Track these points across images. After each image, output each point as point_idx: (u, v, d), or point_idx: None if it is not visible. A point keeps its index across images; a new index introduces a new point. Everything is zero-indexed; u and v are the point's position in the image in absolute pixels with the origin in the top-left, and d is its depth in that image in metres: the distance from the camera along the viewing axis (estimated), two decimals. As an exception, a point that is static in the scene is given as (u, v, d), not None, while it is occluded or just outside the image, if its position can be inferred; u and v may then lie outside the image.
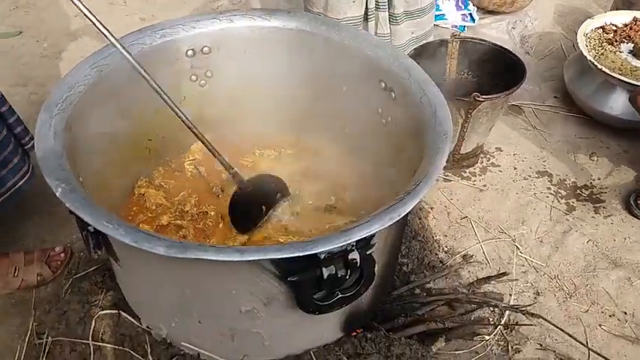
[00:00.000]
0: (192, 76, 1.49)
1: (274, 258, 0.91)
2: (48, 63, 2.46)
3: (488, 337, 1.45)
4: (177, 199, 1.50)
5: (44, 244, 1.69)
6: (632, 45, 2.12)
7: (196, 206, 1.49)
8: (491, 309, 1.52)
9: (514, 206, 1.85)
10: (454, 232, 1.76)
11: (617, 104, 2.02)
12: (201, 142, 1.23)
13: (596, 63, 1.98)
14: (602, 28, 2.22)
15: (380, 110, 1.40)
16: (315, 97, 1.53)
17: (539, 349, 1.45)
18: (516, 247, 1.71)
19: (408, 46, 1.99)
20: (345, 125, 1.52)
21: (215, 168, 1.60)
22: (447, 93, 1.25)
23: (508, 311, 1.51)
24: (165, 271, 1.08)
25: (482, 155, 2.03)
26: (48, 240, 1.70)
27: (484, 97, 1.68)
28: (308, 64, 1.48)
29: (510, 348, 1.44)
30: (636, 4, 2.42)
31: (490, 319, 1.51)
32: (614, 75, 1.94)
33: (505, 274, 1.61)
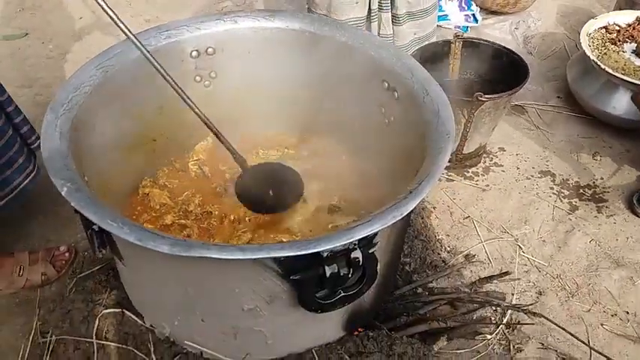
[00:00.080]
0: (197, 77, 1.49)
1: (277, 256, 0.92)
2: (53, 64, 2.48)
3: (490, 336, 1.46)
4: (181, 198, 1.51)
5: (49, 243, 1.70)
6: (635, 45, 2.12)
7: (200, 206, 1.49)
8: (494, 308, 1.52)
9: (517, 206, 1.85)
10: (457, 232, 1.77)
11: (620, 104, 2.02)
12: (210, 129, 1.25)
13: (599, 63, 1.98)
14: (605, 28, 2.21)
15: (383, 110, 1.40)
16: (318, 98, 1.54)
17: (540, 348, 1.45)
18: (519, 246, 1.72)
19: (410, 47, 1.99)
20: (348, 125, 1.53)
21: (219, 168, 1.61)
22: (449, 93, 1.26)
23: (510, 310, 1.51)
24: (169, 270, 1.09)
25: (484, 155, 2.03)
26: (52, 239, 1.72)
27: (487, 96, 1.68)
28: (311, 64, 1.49)
29: (512, 347, 1.44)
30: (639, 4, 2.42)
31: (492, 318, 1.51)
32: (617, 75, 1.94)
33: (507, 273, 1.61)
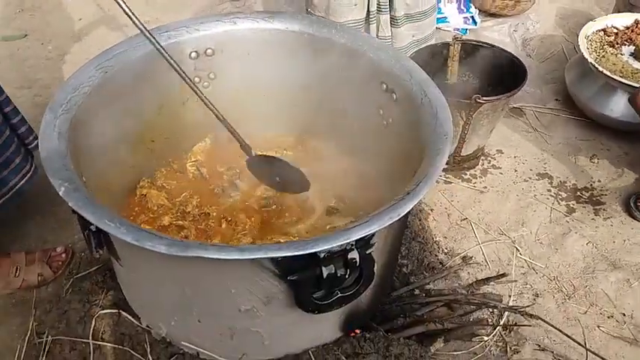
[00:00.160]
0: (196, 78, 1.49)
1: (274, 256, 0.92)
2: (53, 65, 2.48)
3: (486, 337, 1.46)
4: (179, 199, 1.51)
5: (46, 244, 1.70)
6: (634, 47, 2.12)
7: (198, 207, 1.49)
8: (490, 310, 1.53)
9: (514, 208, 1.86)
10: (454, 234, 1.77)
11: (618, 107, 2.03)
12: (218, 118, 1.27)
13: (597, 65, 1.98)
14: (604, 30, 2.22)
15: (381, 112, 1.41)
16: (317, 99, 1.54)
17: (537, 349, 1.46)
18: (516, 248, 1.72)
19: (409, 49, 2.00)
20: (347, 127, 1.53)
21: (217, 169, 1.61)
22: (448, 95, 1.26)
23: (507, 312, 1.51)
24: (166, 270, 1.09)
25: (482, 157, 2.03)
26: (49, 240, 1.72)
27: (485, 99, 1.69)
28: (310, 66, 1.49)
29: (509, 349, 1.45)
30: (637, 6, 2.42)
31: (489, 320, 1.51)
32: (615, 77, 1.94)
33: (504, 275, 1.62)
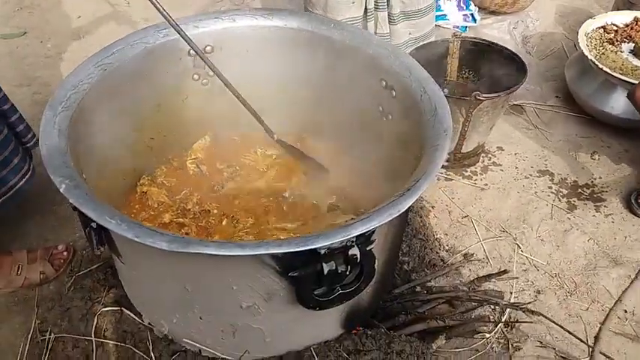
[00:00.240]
0: (195, 75, 1.49)
1: (275, 253, 0.92)
2: (52, 63, 2.48)
3: (488, 334, 1.46)
4: (179, 197, 1.51)
5: (47, 242, 1.70)
6: (633, 45, 2.13)
7: (198, 204, 1.49)
8: (492, 307, 1.52)
9: (515, 205, 1.86)
10: (455, 231, 1.77)
11: (618, 104, 2.03)
12: (243, 104, 1.30)
13: (597, 63, 1.98)
14: (604, 28, 2.22)
15: (381, 108, 1.40)
16: (317, 96, 1.54)
17: (539, 346, 1.46)
18: (517, 245, 1.72)
19: (406, 47, 1.99)
20: (346, 123, 1.53)
21: (217, 166, 1.61)
22: (448, 92, 1.26)
23: (509, 309, 1.51)
24: (167, 267, 1.09)
25: (483, 154, 2.03)
26: (51, 239, 1.72)
27: (485, 96, 1.69)
28: (309, 63, 1.49)
29: (511, 346, 1.44)
30: (637, 4, 2.43)
31: (490, 317, 1.51)
32: (614, 74, 1.94)
33: (506, 272, 1.61)
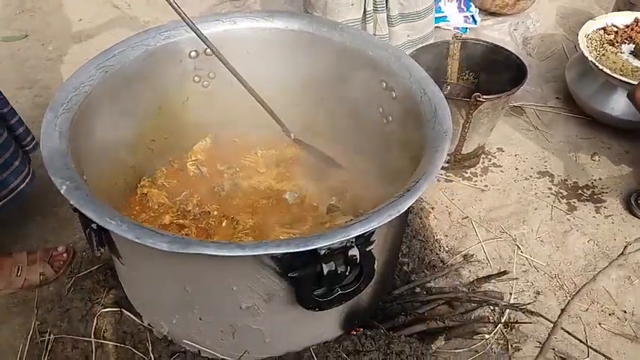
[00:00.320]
0: (195, 77, 1.50)
1: (274, 253, 0.92)
2: (53, 66, 2.49)
3: (488, 335, 1.46)
4: (180, 198, 1.51)
5: (47, 244, 1.70)
6: (633, 46, 2.13)
7: (198, 206, 1.49)
8: (492, 308, 1.52)
9: (515, 206, 1.86)
10: (455, 232, 1.77)
11: (618, 105, 2.03)
12: (259, 102, 1.32)
13: (598, 64, 1.99)
14: (604, 29, 2.22)
15: (381, 110, 1.41)
16: (317, 98, 1.54)
17: (538, 347, 1.45)
18: (517, 246, 1.72)
19: (404, 49, 1.99)
20: (347, 125, 1.53)
21: (217, 168, 1.61)
22: (448, 93, 1.27)
23: (508, 310, 1.51)
24: (167, 268, 1.09)
25: (483, 156, 2.03)
26: (51, 240, 1.72)
27: (485, 97, 1.69)
28: (310, 64, 1.49)
29: (510, 346, 1.45)
30: (637, 5, 2.43)
31: (490, 317, 1.51)
32: (615, 76, 1.94)
33: (505, 272, 1.61)
